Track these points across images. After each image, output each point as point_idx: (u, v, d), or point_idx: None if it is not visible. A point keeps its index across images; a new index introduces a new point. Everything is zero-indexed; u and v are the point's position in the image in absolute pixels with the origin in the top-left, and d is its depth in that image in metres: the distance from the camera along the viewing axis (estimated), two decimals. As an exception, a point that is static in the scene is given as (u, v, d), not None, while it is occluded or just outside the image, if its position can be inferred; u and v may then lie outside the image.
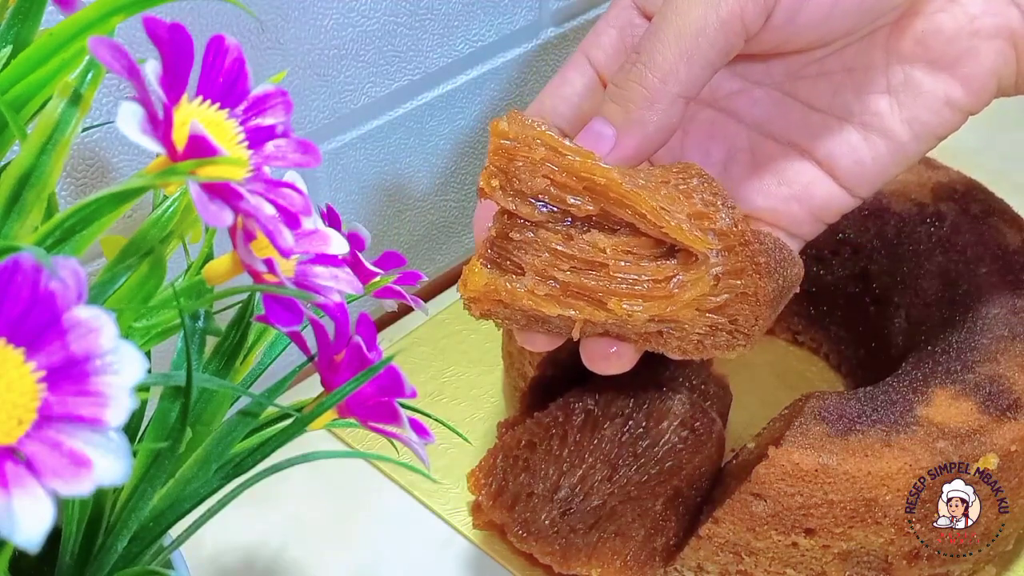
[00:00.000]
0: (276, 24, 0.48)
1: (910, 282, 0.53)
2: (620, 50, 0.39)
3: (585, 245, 0.34)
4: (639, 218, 0.34)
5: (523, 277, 0.35)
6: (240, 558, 0.50)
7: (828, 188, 0.40)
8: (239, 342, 0.31)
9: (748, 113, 0.40)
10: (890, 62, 0.38)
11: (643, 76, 0.34)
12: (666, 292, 0.34)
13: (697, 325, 0.35)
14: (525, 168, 0.34)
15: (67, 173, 0.44)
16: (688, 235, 0.34)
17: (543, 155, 0.34)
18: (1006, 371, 0.45)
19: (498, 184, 0.35)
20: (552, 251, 0.35)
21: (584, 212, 0.34)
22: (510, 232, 0.35)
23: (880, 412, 0.44)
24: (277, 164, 0.26)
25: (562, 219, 0.35)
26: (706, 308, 0.34)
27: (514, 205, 0.35)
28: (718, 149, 0.41)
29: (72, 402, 0.19)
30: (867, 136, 0.39)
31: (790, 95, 0.40)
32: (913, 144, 0.38)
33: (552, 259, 0.35)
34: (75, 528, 0.28)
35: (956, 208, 0.54)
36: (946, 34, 0.37)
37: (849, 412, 0.44)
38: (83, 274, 0.20)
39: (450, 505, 0.52)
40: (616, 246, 0.34)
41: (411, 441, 0.30)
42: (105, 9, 0.25)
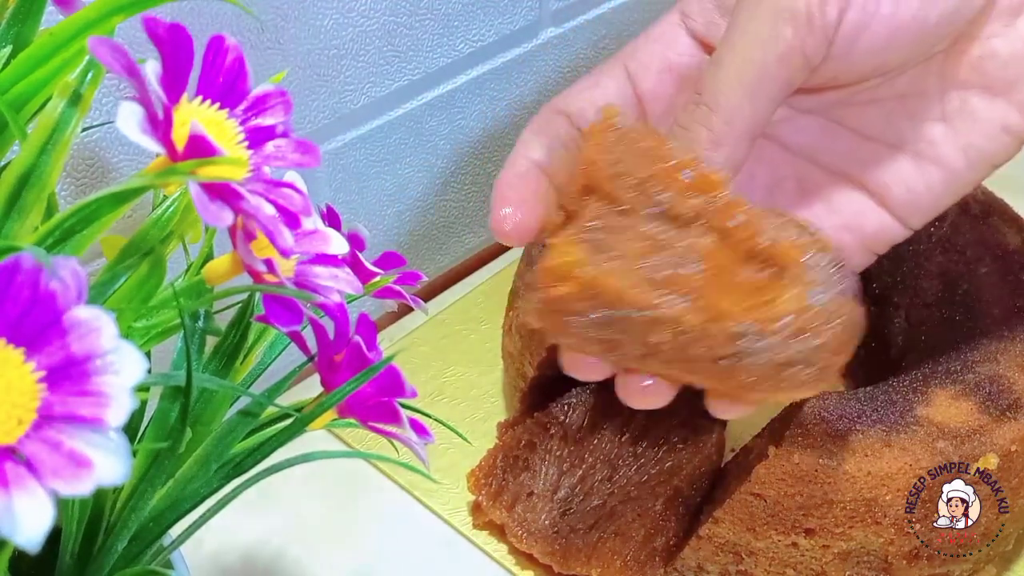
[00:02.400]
0: (276, 24, 0.48)
1: (910, 282, 0.53)
2: (663, 68, 0.38)
3: (683, 239, 0.32)
4: (735, 229, 0.32)
5: (618, 261, 0.32)
6: (240, 558, 0.50)
7: (879, 218, 0.39)
8: (239, 342, 0.31)
9: (794, 141, 0.39)
10: (945, 88, 0.37)
11: (708, 118, 0.34)
12: (764, 299, 0.32)
13: (780, 349, 0.32)
14: (633, 151, 0.32)
15: (67, 173, 0.44)
16: (785, 246, 0.32)
17: (652, 143, 0.33)
18: (1006, 371, 0.45)
19: (606, 160, 0.33)
20: (651, 238, 0.32)
21: (683, 210, 0.32)
22: (604, 217, 0.32)
23: (880, 412, 0.44)
24: (277, 164, 0.26)
25: (659, 211, 0.33)
26: (797, 327, 0.32)
27: (616, 187, 0.32)
28: (763, 174, 0.40)
29: (72, 402, 0.19)
30: (920, 164, 0.38)
31: (838, 123, 0.39)
32: (968, 172, 0.38)
33: (650, 247, 0.32)
34: (75, 528, 0.28)
35: (956, 208, 0.54)
36: (1002, 58, 0.36)
37: (849, 412, 0.44)
38: (83, 274, 0.20)
39: (450, 505, 0.52)
40: (712, 246, 0.32)
41: (411, 441, 0.30)
42: (105, 9, 0.25)
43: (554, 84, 0.66)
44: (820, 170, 0.39)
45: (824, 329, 0.32)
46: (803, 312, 0.32)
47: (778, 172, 0.40)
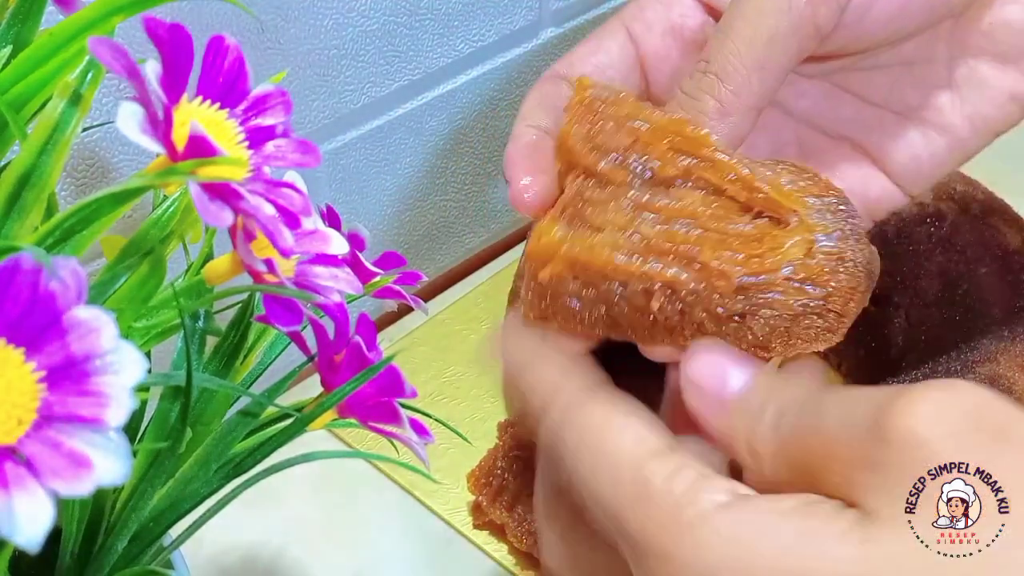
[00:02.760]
0: (276, 24, 0.48)
1: (910, 282, 0.53)
2: (665, 30, 0.38)
3: (670, 200, 0.31)
4: (729, 182, 0.31)
5: (602, 233, 0.31)
6: (240, 558, 0.50)
7: (881, 184, 0.38)
8: (239, 342, 0.31)
9: (796, 106, 0.39)
10: (954, 55, 0.37)
11: (715, 88, 0.33)
12: (765, 248, 0.30)
13: (789, 301, 0.30)
14: (609, 121, 0.32)
15: (67, 173, 0.44)
16: (784, 192, 0.31)
17: (628, 111, 0.32)
18: (1006, 371, 0.45)
19: (581, 134, 0.32)
20: (636, 204, 0.31)
21: (669, 172, 0.31)
22: (584, 193, 0.32)
23: (880, 412, 0.44)
24: (277, 164, 0.26)
25: (642, 178, 0.32)
26: (804, 275, 0.30)
27: (594, 160, 0.32)
28: (764, 141, 0.39)
29: (72, 402, 0.19)
30: (925, 132, 0.38)
31: (843, 88, 0.38)
32: (973, 140, 0.37)
33: (635, 214, 0.31)
34: (75, 528, 0.28)
35: (956, 208, 0.54)
36: (1015, 27, 0.36)
37: (849, 412, 0.44)
38: (83, 274, 0.20)
39: (450, 505, 0.52)
40: (705, 202, 0.31)
41: (411, 441, 0.30)
42: (105, 9, 0.25)
43: (554, 84, 0.66)
44: (823, 135, 0.39)
45: (834, 275, 0.30)
46: (809, 258, 0.30)
47: (780, 137, 0.39)
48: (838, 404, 0.26)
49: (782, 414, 0.27)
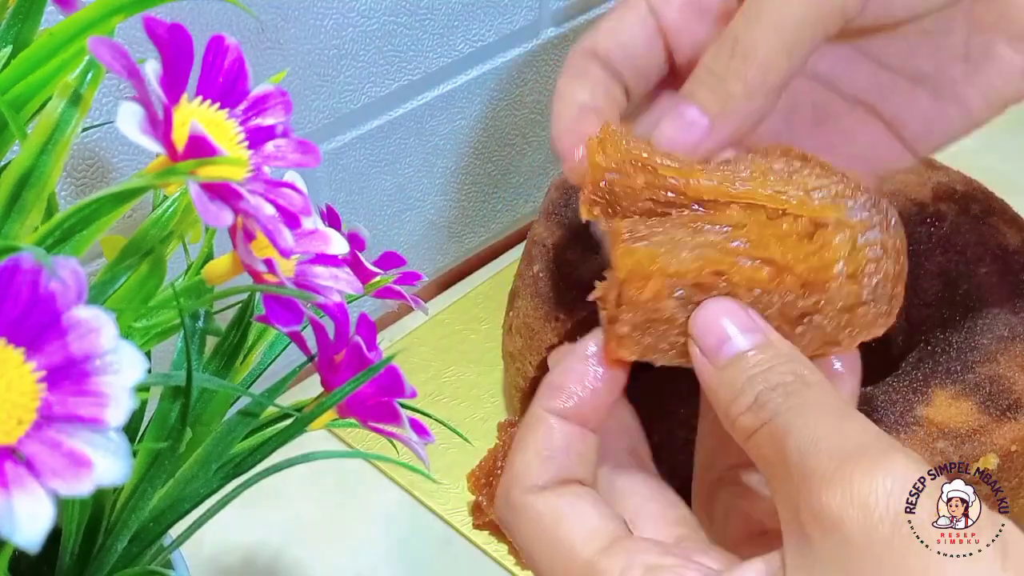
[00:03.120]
0: (276, 24, 0.48)
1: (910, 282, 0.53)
2: (685, 2, 0.38)
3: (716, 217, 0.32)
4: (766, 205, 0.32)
5: (675, 248, 0.31)
6: (240, 558, 0.50)
7: (892, 148, 0.39)
8: (239, 342, 0.31)
9: (813, 67, 0.39)
10: (971, 30, 0.37)
11: (742, 70, 0.34)
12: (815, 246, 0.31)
13: (841, 296, 0.31)
14: (626, 196, 0.33)
15: (67, 173, 0.44)
16: (812, 205, 0.32)
17: (644, 182, 0.33)
18: (1006, 371, 0.45)
19: (599, 212, 0.33)
20: (686, 223, 0.31)
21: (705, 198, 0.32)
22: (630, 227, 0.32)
23: (880, 412, 0.44)
24: (277, 164, 0.26)
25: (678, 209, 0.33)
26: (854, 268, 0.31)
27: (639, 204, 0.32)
28: (780, 102, 0.39)
29: (72, 402, 0.19)
30: (938, 101, 0.38)
31: (860, 52, 0.39)
32: (984, 111, 0.38)
33: (695, 229, 0.31)
34: (75, 528, 0.28)
35: (956, 208, 0.54)
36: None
37: (849, 412, 0.44)
38: (83, 274, 0.20)
39: (450, 505, 0.52)
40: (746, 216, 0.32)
41: (411, 441, 0.30)
42: (105, 9, 0.25)
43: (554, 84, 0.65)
44: (838, 98, 0.39)
45: (880, 263, 0.32)
46: (856, 252, 0.32)
47: (796, 98, 0.40)
48: (804, 437, 0.26)
49: (761, 404, 0.27)
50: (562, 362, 0.31)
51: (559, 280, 0.51)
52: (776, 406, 0.27)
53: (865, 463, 0.24)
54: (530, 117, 0.65)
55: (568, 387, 0.31)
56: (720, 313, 0.29)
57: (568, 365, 0.31)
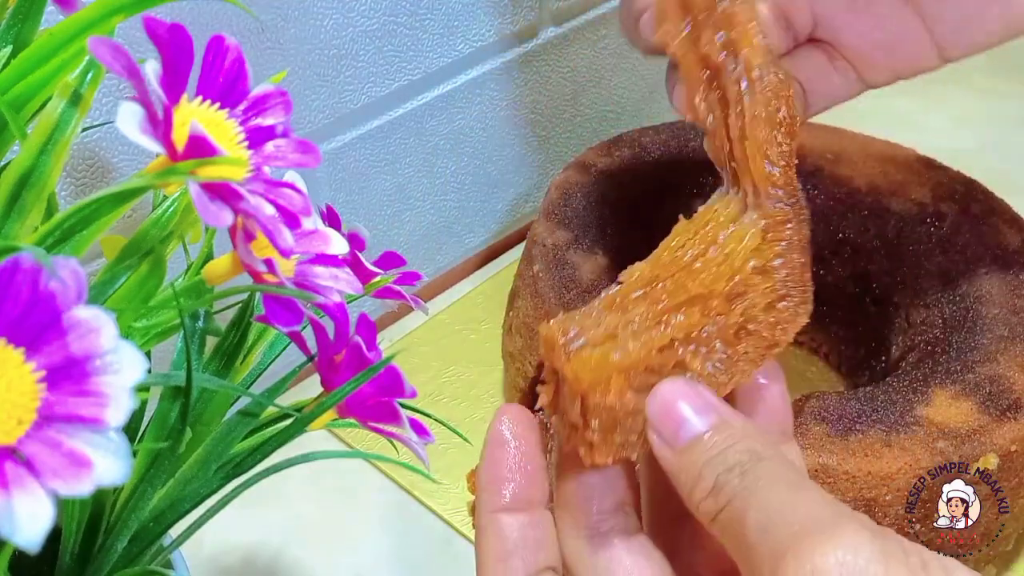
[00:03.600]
0: (276, 24, 0.48)
1: (910, 282, 0.53)
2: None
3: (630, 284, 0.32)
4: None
5: (617, 335, 0.31)
6: (240, 558, 0.50)
7: (920, 44, 0.39)
8: (239, 342, 0.31)
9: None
10: None
11: None
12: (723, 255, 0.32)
13: (760, 295, 0.32)
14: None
15: (67, 173, 0.44)
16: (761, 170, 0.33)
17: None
18: (1006, 371, 0.45)
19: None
20: (609, 300, 0.31)
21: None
22: (571, 328, 0.31)
23: (880, 412, 0.44)
24: (277, 164, 0.26)
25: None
26: (763, 262, 0.32)
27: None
28: None
29: (72, 402, 0.19)
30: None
31: None
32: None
33: (620, 311, 0.31)
34: (75, 528, 0.28)
35: (956, 208, 0.54)
36: None
37: (849, 412, 0.44)
38: (83, 274, 0.20)
39: (450, 505, 0.52)
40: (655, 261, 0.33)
41: (411, 441, 0.30)
42: (105, 9, 0.25)
43: (554, 84, 0.66)
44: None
45: (788, 255, 0.32)
46: (765, 246, 0.32)
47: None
48: (759, 514, 0.26)
49: (719, 487, 0.27)
50: (485, 457, 0.30)
51: (559, 280, 0.51)
52: (733, 488, 0.26)
53: (817, 536, 0.24)
54: (530, 117, 0.65)
55: (502, 478, 0.30)
56: (673, 397, 0.29)
57: (492, 458, 0.30)
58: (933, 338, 0.49)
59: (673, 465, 0.28)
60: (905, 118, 0.44)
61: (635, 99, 0.73)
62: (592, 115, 0.70)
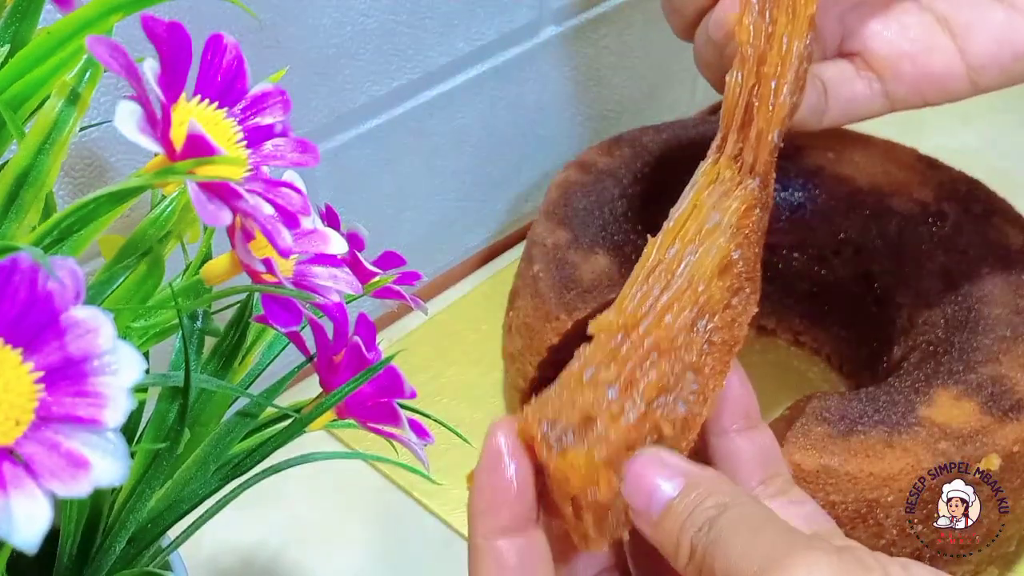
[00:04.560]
0: (275, 23, 0.48)
1: (912, 282, 0.53)
2: None
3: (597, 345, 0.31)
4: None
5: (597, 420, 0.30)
6: (239, 559, 0.50)
7: (949, 61, 0.38)
8: (238, 342, 0.31)
9: None
10: None
11: None
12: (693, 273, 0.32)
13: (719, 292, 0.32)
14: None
15: (65, 172, 0.44)
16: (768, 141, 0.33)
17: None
18: (1008, 372, 0.45)
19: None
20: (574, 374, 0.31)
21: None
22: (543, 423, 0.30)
23: (882, 413, 0.44)
24: (276, 163, 0.26)
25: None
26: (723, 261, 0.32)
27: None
28: None
29: (70, 403, 0.19)
30: (1011, 16, 0.37)
31: None
32: None
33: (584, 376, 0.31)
34: (73, 529, 0.28)
35: (958, 208, 0.54)
36: None
37: (851, 413, 0.44)
38: (81, 274, 0.20)
39: (450, 505, 0.52)
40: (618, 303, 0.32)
41: (410, 442, 0.30)
42: (103, 8, 0.24)
43: (555, 83, 0.66)
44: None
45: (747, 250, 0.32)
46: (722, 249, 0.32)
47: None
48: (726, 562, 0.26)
49: (694, 548, 0.27)
50: (476, 482, 0.31)
51: (559, 280, 0.51)
52: (704, 546, 0.27)
53: (775, 571, 0.25)
54: (530, 117, 0.65)
55: (494, 503, 0.30)
56: (642, 472, 0.29)
57: (485, 483, 0.31)
58: (935, 338, 0.49)
59: (654, 537, 0.29)
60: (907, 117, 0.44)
61: (635, 98, 0.73)
62: (592, 115, 0.70)
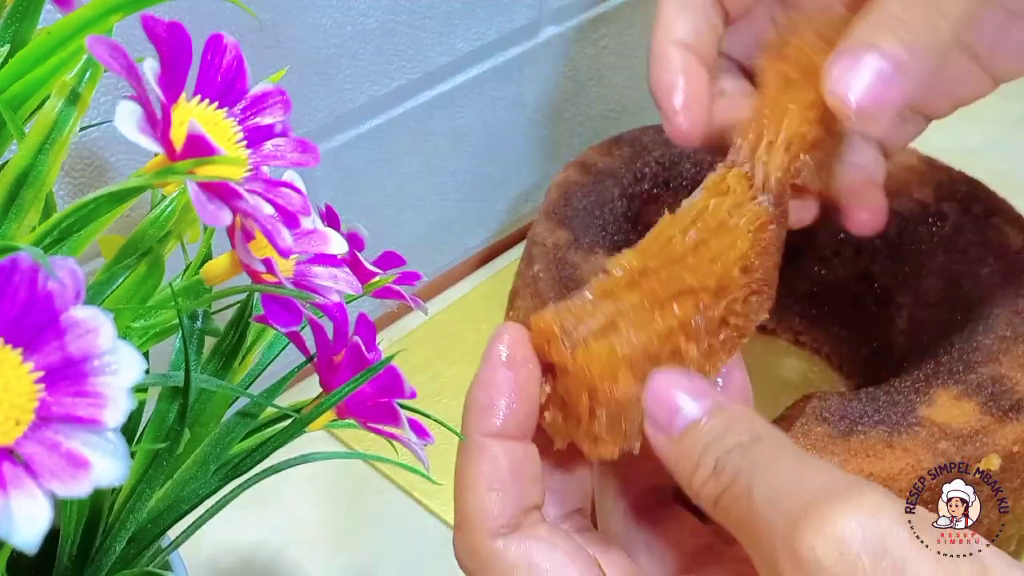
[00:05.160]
0: (275, 23, 0.48)
1: (912, 282, 0.53)
2: None
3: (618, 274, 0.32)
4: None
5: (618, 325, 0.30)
6: (239, 559, 0.50)
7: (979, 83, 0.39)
8: (237, 342, 0.31)
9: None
10: None
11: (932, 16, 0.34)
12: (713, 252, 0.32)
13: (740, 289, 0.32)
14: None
15: (65, 172, 0.44)
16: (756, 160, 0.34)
17: None
18: (1008, 372, 0.45)
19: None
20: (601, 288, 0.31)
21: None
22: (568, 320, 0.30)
23: (882, 413, 0.44)
24: (276, 163, 0.26)
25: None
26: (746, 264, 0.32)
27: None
28: None
29: (70, 403, 0.19)
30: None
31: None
32: None
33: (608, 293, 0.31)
34: (73, 529, 0.28)
35: (958, 208, 0.54)
36: None
37: (851, 413, 0.44)
38: (81, 274, 0.20)
39: (450, 505, 0.51)
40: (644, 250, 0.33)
41: (410, 442, 0.30)
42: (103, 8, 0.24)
43: (555, 83, 0.65)
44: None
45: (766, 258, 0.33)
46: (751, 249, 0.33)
47: None
48: (766, 488, 0.25)
49: (720, 468, 0.26)
50: (478, 377, 0.29)
51: (559, 280, 0.51)
52: (735, 467, 0.26)
53: (836, 501, 0.24)
54: (530, 117, 0.65)
55: (496, 402, 0.29)
56: (667, 385, 0.28)
57: (487, 378, 0.29)
58: (935, 338, 0.49)
59: (671, 453, 0.28)
60: (907, 117, 0.44)
61: (636, 98, 0.73)
62: (592, 114, 0.70)
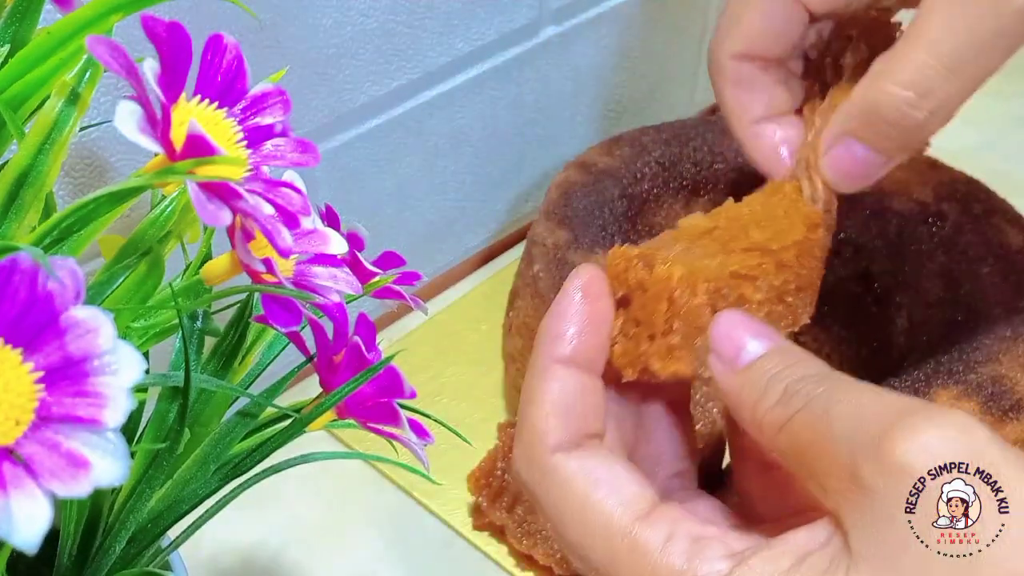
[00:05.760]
0: (275, 23, 0.48)
1: (912, 282, 0.53)
2: None
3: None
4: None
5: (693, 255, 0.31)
6: (239, 559, 0.50)
7: None
8: (237, 342, 0.31)
9: None
10: None
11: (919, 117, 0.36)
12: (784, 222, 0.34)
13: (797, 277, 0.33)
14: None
15: (65, 172, 0.44)
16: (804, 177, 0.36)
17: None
18: (1008, 372, 0.45)
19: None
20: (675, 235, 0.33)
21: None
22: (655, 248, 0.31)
23: (881, 412, 0.44)
24: (276, 163, 0.26)
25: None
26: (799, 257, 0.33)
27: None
28: None
29: (70, 403, 0.19)
30: None
31: None
32: None
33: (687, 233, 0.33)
34: (73, 529, 0.28)
35: (958, 208, 0.54)
36: None
37: (850, 412, 0.44)
38: (81, 274, 0.20)
39: (450, 506, 0.52)
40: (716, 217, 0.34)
41: (410, 442, 0.30)
42: (103, 8, 0.24)
43: (555, 83, 0.65)
44: None
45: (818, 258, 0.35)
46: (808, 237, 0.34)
47: None
48: (847, 406, 0.25)
49: (791, 394, 0.27)
50: (555, 307, 0.30)
51: (559, 280, 0.51)
52: (808, 392, 0.26)
53: (928, 413, 0.24)
54: (530, 117, 0.65)
55: (567, 332, 0.30)
56: (734, 323, 0.29)
57: (562, 309, 0.30)
58: (935, 338, 0.49)
59: (734, 383, 0.28)
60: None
61: (636, 98, 0.73)
62: (592, 114, 0.70)
